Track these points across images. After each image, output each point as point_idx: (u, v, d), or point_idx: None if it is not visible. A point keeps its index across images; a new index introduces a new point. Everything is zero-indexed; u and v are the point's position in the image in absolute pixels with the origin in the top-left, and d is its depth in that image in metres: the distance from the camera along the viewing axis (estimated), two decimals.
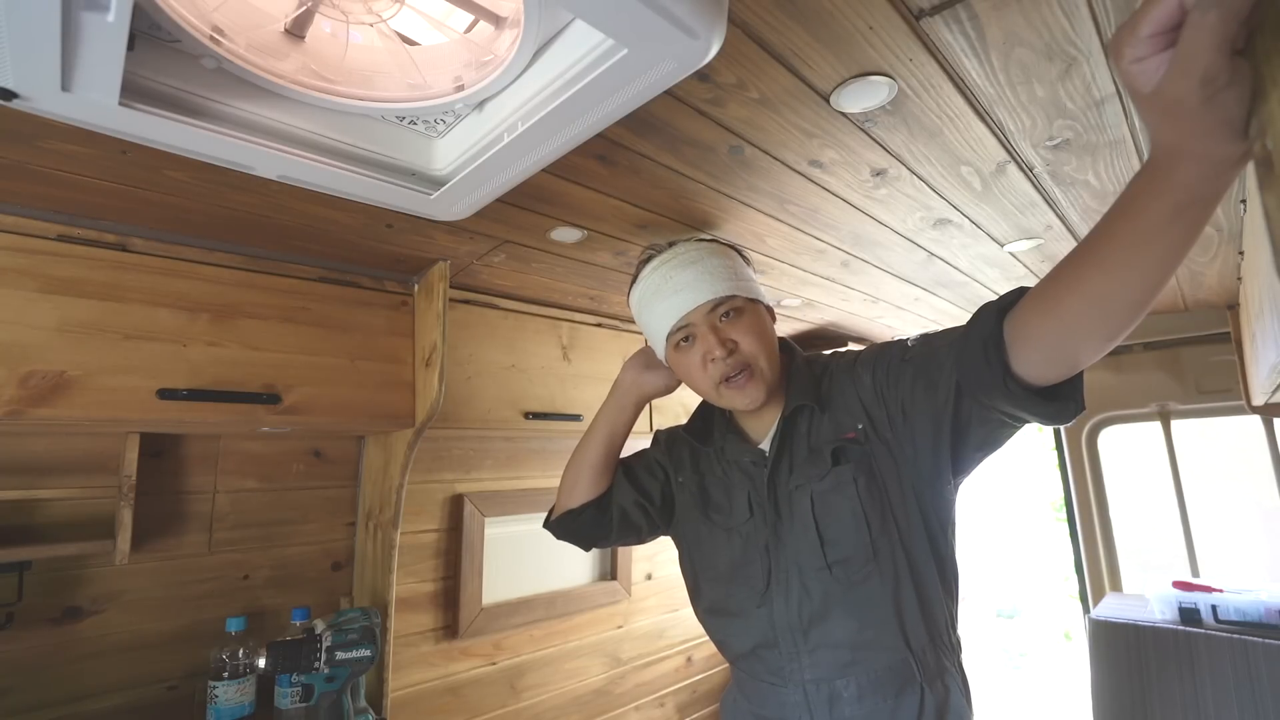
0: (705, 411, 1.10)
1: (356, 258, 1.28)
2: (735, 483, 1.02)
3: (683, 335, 0.97)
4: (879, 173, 1.00)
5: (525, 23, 0.61)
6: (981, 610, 6.52)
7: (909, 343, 0.90)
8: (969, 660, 0.97)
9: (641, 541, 1.19)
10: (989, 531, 7.03)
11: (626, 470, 1.14)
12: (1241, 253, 1.37)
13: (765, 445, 0.99)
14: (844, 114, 0.83)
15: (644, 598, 2.15)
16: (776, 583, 0.95)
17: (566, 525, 1.12)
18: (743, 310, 0.96)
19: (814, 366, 1.01)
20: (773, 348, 0.97)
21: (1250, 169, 0.47)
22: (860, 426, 0.92)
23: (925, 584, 0.91)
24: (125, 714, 1.21)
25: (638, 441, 1.17)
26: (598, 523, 1.11)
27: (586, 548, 1.19)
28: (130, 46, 0.55)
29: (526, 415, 1.53)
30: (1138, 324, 0.60)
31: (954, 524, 0.95)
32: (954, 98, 0.80)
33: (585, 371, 1.69)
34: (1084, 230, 1.28)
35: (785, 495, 0.95)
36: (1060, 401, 0.69)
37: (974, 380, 0.74)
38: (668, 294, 0.96)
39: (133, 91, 0.63)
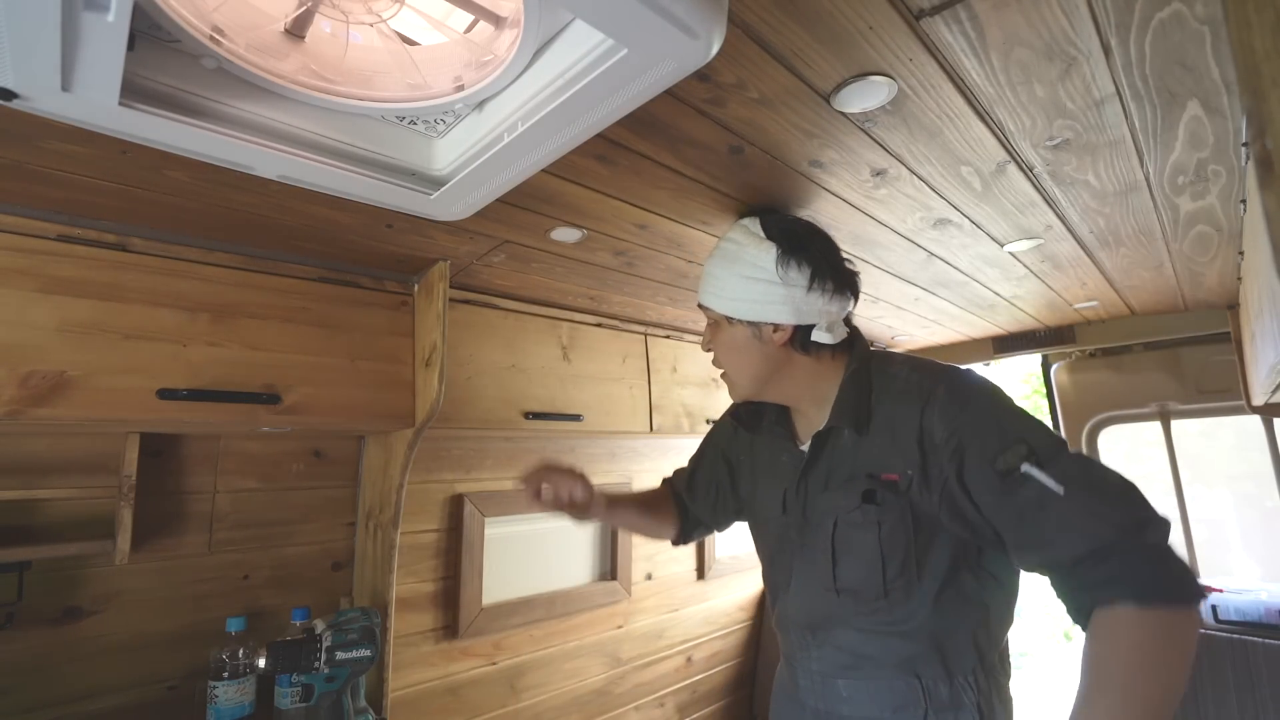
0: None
1: (356, 258, 1.28)
2: (774, 477, 1.05)
3: None
4: (879, 173, 1.00)
5: (525, 23, 0.61)
6: None
7: (1005, 460, 0.77)
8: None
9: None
10: None
11: (690, 488, 1.24)
12: (1241, 253, 1.37)
13: (806, 448, 1.00)
14: (844, 114, 0.83)
15: (644, 598, 2.15)
16: (795, 581, 0.98)
17: (687, 538, 1.27)
18: (716, 324, 1.01)
19: (867, 376, 0.94)
20: (740, 365, 0.99)
21: (1250, 169, 0.47)
22: (909, 473, 0.86)
23: (948, 622, 0.87)
24: (125, 714, 1.21)
25: (636, 442, 1.18)
26: (703, 530, 1.26)
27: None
28: (130, 46, 0.55)
29: (526, 415, 1.53)
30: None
31: (1008, 570, 0.90)
32: (954, 98, 0.80)
33: (585, 371, 1.69)
34: (1084, 230, 1.28)
35: (814, 506, 0.95)
36: None
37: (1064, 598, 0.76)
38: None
39: (133, 91, 0.63)
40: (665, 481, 1.30)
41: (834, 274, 0.95)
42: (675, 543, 1.27)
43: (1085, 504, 0.72)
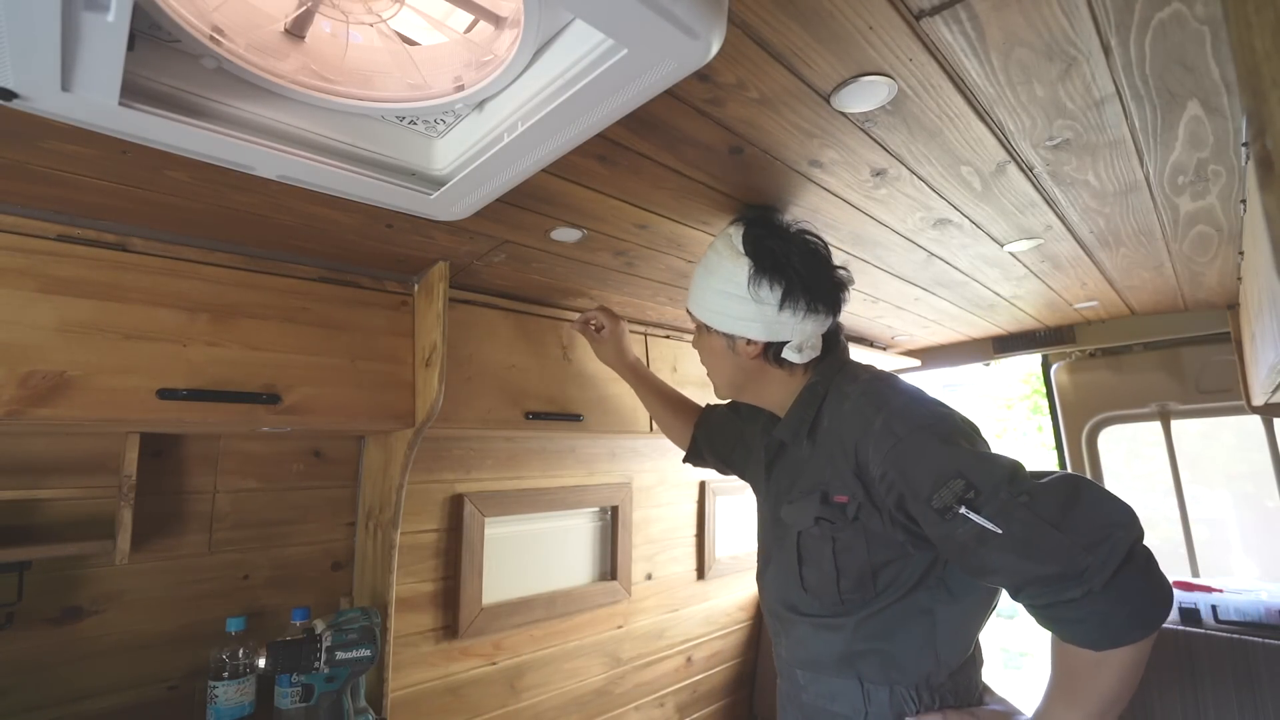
0: None
1: (356, 258, 1.28)
2: (759, 467, 1.10)
3: None
4: (879, 173, 1.00)
5: (525, 23, 0.61)
6: None
7: (940, 498, 0.78)
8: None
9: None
10: None
11: (713, 417, 1.34)
12: (1241, 253, 1.37)
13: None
14: (844, 114, 0.83)
15: (644, 598, 2.15)
16: (772, 567, 1.03)
17: (694, 463, 1.40)
18: (698, 328, 1.06)
19: (822, 392, 0.96)
20: (716, 371, 1.06)
21: (1250, 169, 0.47)
22: (856, 499, 0.88)
23: (894, 629, 0.89)
24: (125, 714, 1.21)
25: (636, 442, 1.19)
26: (709, 459, 1.35)
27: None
28: (130, 46, 0.55)
29: (526, 415, 1.53)
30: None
31: (966, 589, 0.91)
32: (954, 98, 0.80)
33: (585, 371, 1.69)
34: (1084, 230, 1.28)
35: (781, 511, 1.00)
36: None
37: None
38: None
39: (133, 91, 0.63)
40: (707, 406, 1.42)
41: (808, 294, 0.94)
42: (685, 459, 1.42)
43: (1026, 541, 0.72)
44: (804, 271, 0.95)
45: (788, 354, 0.96)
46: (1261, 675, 1.52)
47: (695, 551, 2.36)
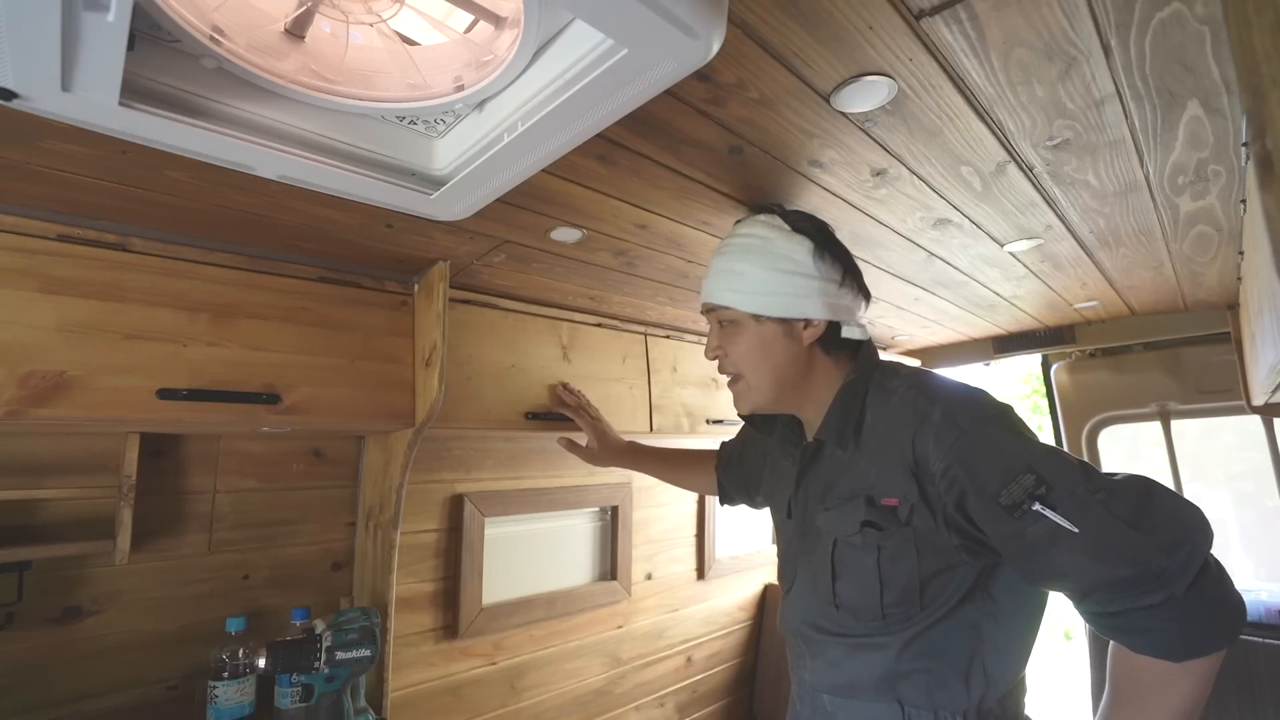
0: None
1: (356, 258, 1.28)
2: (782, 481, 1.05)
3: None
4: (879, 173, 1.00)
5: (525, 23, 0.61)
6: None
7: (1010, 494, 0.73)
8: None
9: None
10: None
11: (731, 455, 1.34)
12: (1241, 253, 1.37)
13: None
14: (844, 114, 0.83)
15: (644, 598, 2.15)
16: (797, 586, 0.97)
17: (729, 504, 1.38)
18: (736, 323, 0.93)
19: (863, 389, 0.89)
20: (764, 367, 0.92)
21: (1250, 169, 0.47)
22: (909, 500, 0.81)
23: (939, 648, 0.82)
24: (125, 714, 1.21)
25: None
26: (740, 497, 1.33)
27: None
28: (130, 46, 0.55)
29: (526, 415, 1.53)
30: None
31: (1013, 602, 0.84)
32: (954, 98, 0.80)
33: (585, 371, 1.69)
34: (1084, 230, 1.28)
35: (815, 520, 0.92)
36: None
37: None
38: (706, 275, 1.01)
39: (133, 91, 0.63)
40: (721, 447, 1.41)
41: (858, 271, 0.98)
42: (721, 502, 1.40)
43: (1101, 541, 0.68)
44: (847, 251, 0.98)
45: (848, 331, 0.92)
46: (1261, 675, 1.52)
47: (695, 551, 2.36)
